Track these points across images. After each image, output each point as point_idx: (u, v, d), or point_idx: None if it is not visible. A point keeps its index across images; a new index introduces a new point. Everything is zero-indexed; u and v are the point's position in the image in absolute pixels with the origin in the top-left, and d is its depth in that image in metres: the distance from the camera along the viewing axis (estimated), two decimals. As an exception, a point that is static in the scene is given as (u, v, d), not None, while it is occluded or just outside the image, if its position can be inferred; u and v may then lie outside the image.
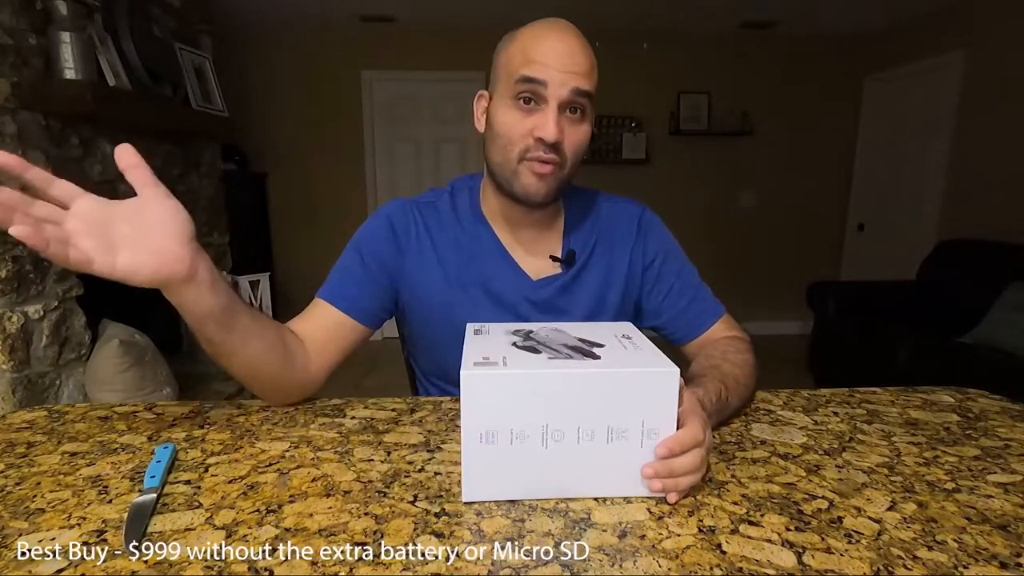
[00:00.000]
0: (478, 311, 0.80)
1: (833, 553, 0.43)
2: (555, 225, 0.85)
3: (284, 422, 0.67)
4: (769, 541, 0.44)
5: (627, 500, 0.50)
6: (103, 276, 0.51)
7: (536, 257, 0.83)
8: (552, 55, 0.69)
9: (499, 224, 0.83)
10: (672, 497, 0.50)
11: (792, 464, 0.58)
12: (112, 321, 1.85)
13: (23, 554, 0.42)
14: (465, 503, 0.49)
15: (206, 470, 0.56)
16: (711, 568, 0.41)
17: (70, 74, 1.63)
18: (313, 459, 0.58)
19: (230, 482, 0.53)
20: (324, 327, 0.76)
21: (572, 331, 0.59)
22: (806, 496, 0.51)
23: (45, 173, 0.50)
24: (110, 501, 0.50)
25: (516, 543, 0.44)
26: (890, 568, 0.41)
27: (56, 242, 0.48)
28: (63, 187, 0.51)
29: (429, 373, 0.91)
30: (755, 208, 4.09)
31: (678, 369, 0.49)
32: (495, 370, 0.48)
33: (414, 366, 1.01)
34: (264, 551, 0.43)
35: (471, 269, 0.81)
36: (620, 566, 0.41)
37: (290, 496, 0.51)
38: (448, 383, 0.87)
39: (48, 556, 0.42)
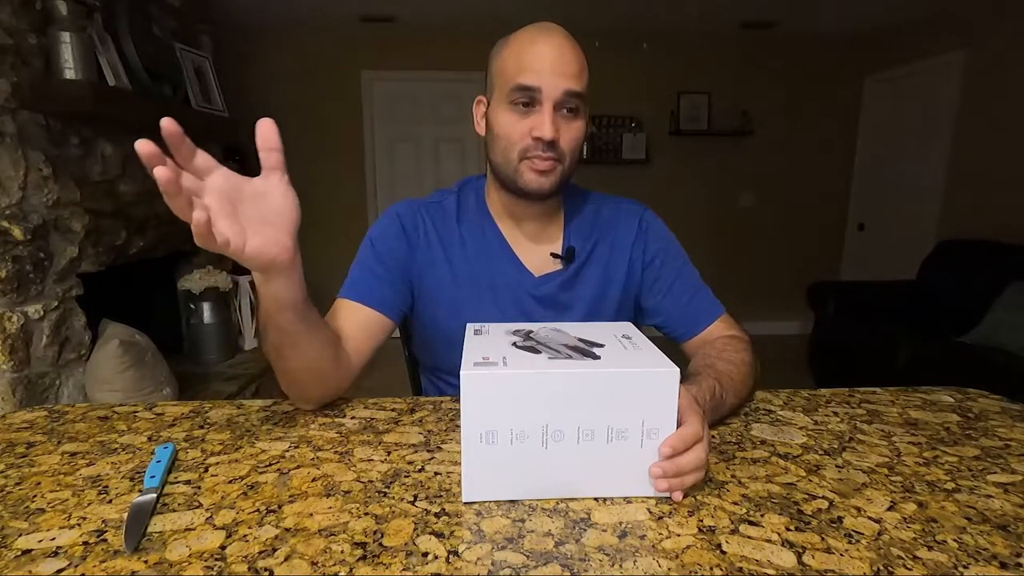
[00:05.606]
0: (483, 306, 0.83)
1: (833, 553, 0.43)
2: (556, 222, 0.87)
3: (284, 422, 0.67)
4: (769, 541, 0.44)
5: (627, 500, 0.50)
6: (230, 256, 0.51)
7: (538, 253, 0.85)
8: (543, 61, 0.72)
9: (503, 220, 0.86)
10: (678, 496, 0.50)
11: (792, 464, 0.58)
12: (112, 321, 1.85)
13: (23, 554, 0.42)
14: (465, 503, 0.49)
15: (206, 470, 0.56)
16: (711, 568, 0.41)
17: (70, 74, 1.63)
18: (313, 459, 0.58)
19: (230, 482, 0.53)
20: (357, 326, 0.76)
21: (572, 331, 0.59)
22: (806, 496, 0.51)
23: (192, 145, 0.49)
24: (110, 501, 0.50)
25: (516, 543, 0.44)
26: (890, 568, 0.41)
27: (201, 221, 0.47)
28: (202, 159, 0.50)
29: (435, 368, 0.92)
30: (755, 208, 4.09)
31: (678, 369, 0.49)
32: (495, 370, 0.48)
33: (418, 361, 1.02)
34: (264, 551, 0.43)
35: (476, 265, 0.84)
36: (620, 566, 0.41)
37: (290, 496, 0.51)
38: (454, 377, 0.88)
39: (48, 556, 0.42)
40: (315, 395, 0.71)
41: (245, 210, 0.52)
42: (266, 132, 0.53)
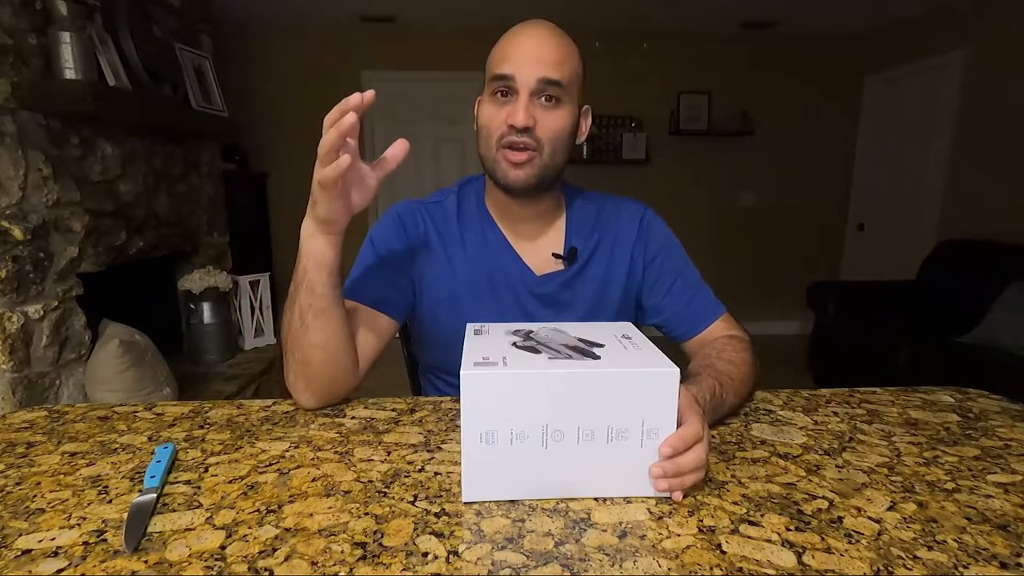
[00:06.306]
0: (483, 305, 0.83)
1: (833, 553, 0.43)
2: (557, 222, 0.87)
3: (284, 422, 0.67)
4: (769, 541, 0.44)
5: (627, 500, 0.50)
6: (317, 212, 0.65)
7: (539, 253, 0.85)
8: (521, 51, 0.74)
9: (502, 220, 0.86)
10: (678, 496, 0.50)
11: (792, 464, 0.58)
12: (112, 321, 1.85)
13: (23, 554, 0.42)
14: (465, 503, 0.49)
15: (206, 470, 0.56)
16: (711, 568, 0.41)
17: (70, 74, 1.62)
18: (313, 459, 0.58)
19: (230, 482, 0.53)
20: (360, 326, 0.76)
21: (572, 331, 0.59)
22: (806, 496, 0.51)
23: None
24: (110, 501, 0.50)
25: (516, 543, 0.44)
26: (890, 568, 0.41)
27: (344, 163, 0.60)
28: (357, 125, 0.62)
29: (436, 368, 0.92)
30: (755, 208, 4.09)
31: (678, 369, 0.49)
32: (495, 370, 0.48)
33: (418, 361, 1.02)
34: (264, 551, 0.43)
35: (477, 265, 0.84)
36: (620, 566, 0.41)
37: (290, 496, 0.51)
38: (454, 377, 0.88)
39: (48, 556, 0.42)
40: (323, 384, 0.70)
41: (348, 183, 0.66)
42: (400, 152, 0.68)
